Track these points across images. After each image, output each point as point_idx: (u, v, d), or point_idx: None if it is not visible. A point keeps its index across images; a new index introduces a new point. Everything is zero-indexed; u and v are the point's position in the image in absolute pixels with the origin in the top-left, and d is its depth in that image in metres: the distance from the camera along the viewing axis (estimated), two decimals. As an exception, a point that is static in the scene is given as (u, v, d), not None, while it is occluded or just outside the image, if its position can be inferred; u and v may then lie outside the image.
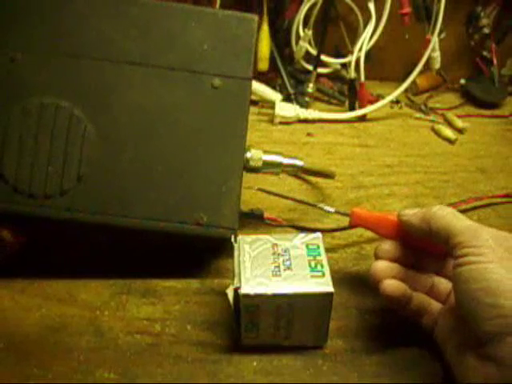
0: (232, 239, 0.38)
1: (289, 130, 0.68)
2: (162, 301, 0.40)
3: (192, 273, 0.43)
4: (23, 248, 0.41)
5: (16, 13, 0.41)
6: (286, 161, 0.46)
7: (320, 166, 0.53)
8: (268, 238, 0.38)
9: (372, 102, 0.70)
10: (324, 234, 0.39)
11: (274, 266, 0.35)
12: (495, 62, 0.76)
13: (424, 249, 0.38)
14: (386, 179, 0.58)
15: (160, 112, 0.41)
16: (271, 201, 0.48)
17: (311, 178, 0.56)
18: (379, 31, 0.69)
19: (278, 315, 0.34)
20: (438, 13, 0.66)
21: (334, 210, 0.44)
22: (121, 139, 0.41)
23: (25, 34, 0.41)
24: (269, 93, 0.71)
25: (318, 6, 0.70)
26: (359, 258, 0.46)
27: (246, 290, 0.33)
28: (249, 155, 0.44)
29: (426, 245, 0.37)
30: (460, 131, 0.69)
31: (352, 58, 0.70)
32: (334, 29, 0.74)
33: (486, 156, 0.64)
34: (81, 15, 0.41)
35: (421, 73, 0.69)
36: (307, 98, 0.73)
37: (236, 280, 0.34)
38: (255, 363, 0.36)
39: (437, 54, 0.71)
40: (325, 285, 0.34)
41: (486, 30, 0.75)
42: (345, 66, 0.76)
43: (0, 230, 0.40)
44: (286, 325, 0.35)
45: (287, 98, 0.72)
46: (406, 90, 0.73)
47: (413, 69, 0.67)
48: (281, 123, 0.69)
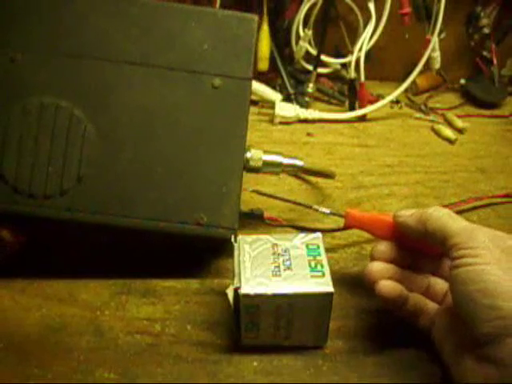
0: (232, 239, 0.38)
1: (289, 130, 0.68)
2: (162, 301, 0.40)
3: (192, 273, 0.43)
4: (23, 248, 0.41)
5: (16, 13, 0.41)
6: (285, 161, 0.46)
7: (320, 166, 0.53)
8: (268, 237, 0.38)
9: (372, 102, 0.70)
10: (324, 234, 0.39)
11: (273, 266, 0.35)
12: (495, 62, 0.76)
13: (420, 249, 0.38)
14: (386, 179, 0.58)
15: (160, 112, 0.41)
16: (271, 201, 0.48)
17: (311, 178, 0.56)
18: (379, 31, 0.69)
19: (277, 315, 0.34)
20: (438, 13, 0.66)
21: (329, 212, 0.44)
22: (121, 139, 0.41)
23: (25, 34, 0.41)
24: (269, 93, 0.71)
25: (318, 5, 0.70)
26: (359, 258, 0.46)
27: (246, 290, 0.33)
28: (249, 155, 0.44)
29: (421, 246, 0.37)
30: (460, 131, 0.69)
31: (352, 58, 0.70)
32: (334, 29, 0.74)
33: (485, 156, 0.64)
34: (81, 15, 0.41)
35: (421, 73, 0.69)
36: (307, 98, 0.73)
37: (236, 280, 0.34)
38: (255, 363, 0.36)
39: (437, 54, 0.71)
40: (325, 285, 0.34)
41: (486, 30, 0.75)
42: (345, 65, 0.76)
43: (0, 230, 0.40)
44: (286, 325, 0.35)
45: (287, 98, 0.72)
46: (406, 90, 0.73)
47: (413, 69, 0.67)
48: (281, 123, 0.69)
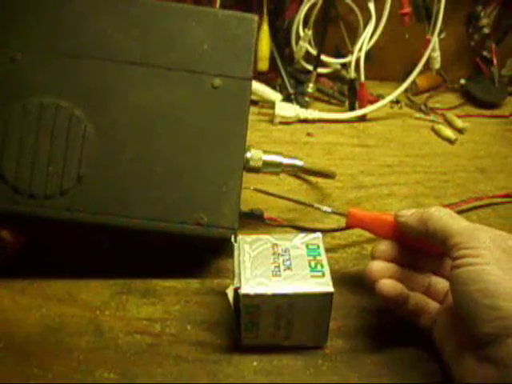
0: (232, 239, 0.38)
1: (289, 130, 0.68)
2: (161, 301, 0.40)
3: (192, 273, 0.43)
4: (23, 248, 0.41)
5: (16, 13, 0.41)
6: (286, 161, 0.46)
7: (320, 166, 0.53)
8: (268, 238, 0.38)
9: (372, 102, 0.70)
10: (324, 234, 0.39)
11: (274, 266, 0.35)
12: (495, 62, 0.76)
13: (421, 249, 0.38)
14: (386, 179, 0.58)
15: (160, 112, 0.41)
16: (271, 201, 0.48)
17: (311, 178, 0.56)
18: (379, 31, 0.69)
19: (277, 315, 0.34)
20: (438, 13, 0.66)
21: (330, 210, 0.44)
22: (121, 139, 0.41)
23: (24, 34, 0.41)
24: (269, 93, 0.71)
25: (318, 5, 0.70)
26: (359, 257, 0.46)
27: (245, 290, 0.33)
28: (249, 155, 0.44)
29: (422, 245, 0.37)
30: (460, 131, 0.69)
31: (352, 58, 0.70)
32: (334, 29, 0.74)
33: (485, 156, 0.64)
34: (81, 15, 0.41)
35: (421, 73, 0.69)
36: (307, 98, 0.73)
37: (236, 280, 0.34)
38: (255, 363, 0.36)
39: (437, 54, 0.71)
40: (325, 285, 0.34)
41: (486, 30, 0.75)
42: (345, 65, 0.76)
43: (0, 230, 0.40)
44: (286, 325, 0.35)
45: (287, 98, 0.72)
46: (406, 90, 0.73)
47: (413, 69, 0.67)
48: (281, 123, 0.69)
